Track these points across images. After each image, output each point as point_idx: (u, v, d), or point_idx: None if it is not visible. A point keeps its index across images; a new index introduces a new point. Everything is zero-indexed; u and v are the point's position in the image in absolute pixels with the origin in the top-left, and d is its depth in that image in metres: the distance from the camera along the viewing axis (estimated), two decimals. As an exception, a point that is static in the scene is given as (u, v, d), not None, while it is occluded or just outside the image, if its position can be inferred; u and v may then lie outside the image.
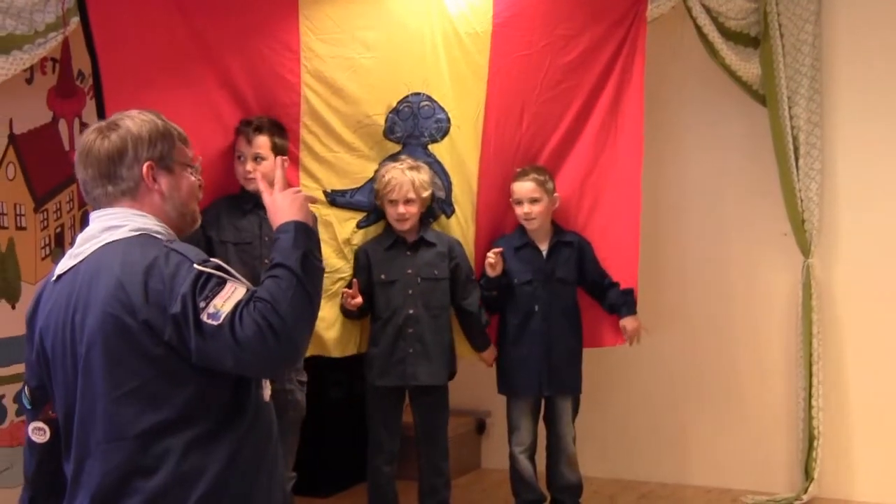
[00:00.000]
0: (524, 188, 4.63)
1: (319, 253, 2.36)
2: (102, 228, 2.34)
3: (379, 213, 4.55)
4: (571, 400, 4.79)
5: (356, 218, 4.57)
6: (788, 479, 5.30)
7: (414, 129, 4.57)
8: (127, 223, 2.33)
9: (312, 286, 2.26)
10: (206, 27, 4.16)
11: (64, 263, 2.37)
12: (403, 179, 4.40)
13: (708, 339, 5.53)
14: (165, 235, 2.36)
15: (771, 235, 5.35)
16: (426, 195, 4.47)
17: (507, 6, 4.63)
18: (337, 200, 4.51)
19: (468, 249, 4.66)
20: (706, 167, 5.55)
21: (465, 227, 4.68)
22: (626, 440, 5.71)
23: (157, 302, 2.18)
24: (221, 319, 2.15)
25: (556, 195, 4.69)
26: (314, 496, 5.29)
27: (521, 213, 4.66)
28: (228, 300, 2.17)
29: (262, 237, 4.19)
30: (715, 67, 5.08)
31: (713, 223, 5.54)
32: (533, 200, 4.62)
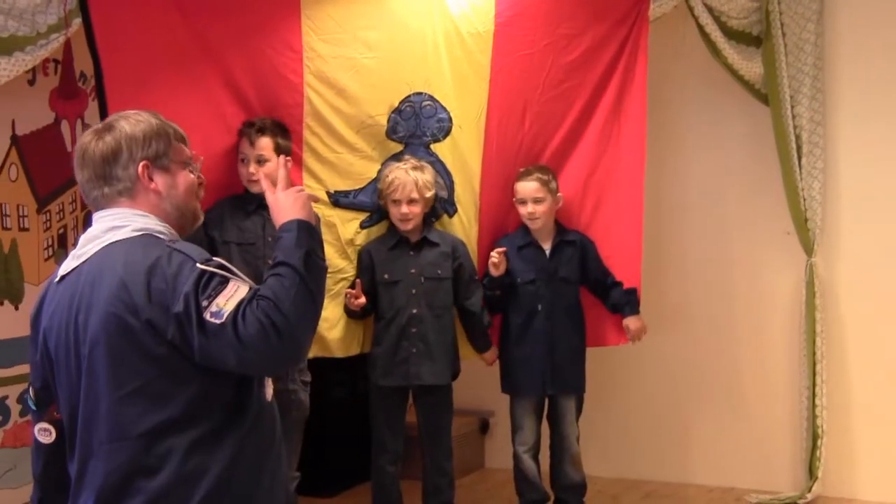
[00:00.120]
0: (528, 188, 4.63)
1: (322, 251, 2.36)
2: (105, 229, 2.34)
3: (382, 213, 4.55)
4: (575, 399, 4.79)
5: (359, 218, 4.57)
6: (792, 477, 5.29)
7: (416, 128, 4.57)
8: (129, 223, 2.34)
9: (315, 284, 2.27)
10: (208, 28, 4.16)
11: (67, 264, 2.37)
12: (407, 179, 4.40)
13: (711, 338, 5.52)
14: (168, 235, 2.36)
15: (774, 234, 5.34)
16: (429, 195, 4.47)
17: (509, 5, 4.63)
18: (340, 201, 4.51)
19: (471, 249, 4.66)
20: (708, 166, 5.55)
21: (467, 226, 4.68)
22: (629, 439, 5.70)
23: (159, 301, 2.18)
24: (224, 318, 2.15)
25: (559, 195, 4.69)
26: (318, 496, 5.28)
27: (524, 212, 4.66)
28: (231, 299, 2.17)
29: (265, 237, 4.19)
30: (717, 67, 5.07)
31: (716, 222, 5.54)
32: (536, 200, 4.62)
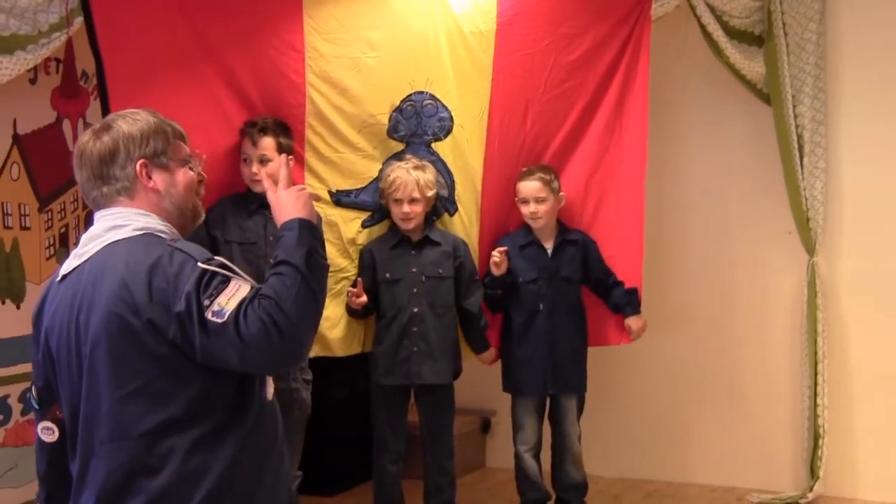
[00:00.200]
0: (530, 187, 4.63)
1: (323, 250, 2.36)
2: (106, 228, 2.34)
3: (384, 212, 4.55)
4: (576, 399, 4.79)
5: (361, 217, 4.57)
6: (793, 477, 5.29)
7: (417, 127, 4.57)
8: (130, 223, 2.34)
9: (317, 283, 2.27)
10: (210, 27, 4.17)
11: (68, 263, 2.37)
12: (408, 179, 4.40)
13: (712, 337, 5.52)
14: (169, 234, 2.36)
15: (775, 234, 5.34)
16: (431, 194, 4.47)
17: (511, 5, 4.63)
18: (342, 200, 4.51)
19: (472, 248, 4.65)
20: (710, 166, 5.54)
21: (468, 225, 4.68)
22: (630, 439, 5.70)
23: (161, 301, 2.18)
24: (226, 317, 2.14)
25: (561, 194, 4.69)
26: (319, 495, 5.29)
27: (526, 212, 4.66)
28: (233, 298, 2.17)
29: (266, 237, 4.20)
30: (719, 66, 5.07)
31: (717, 221, 5.53)
32: (539, 200, 4.62)
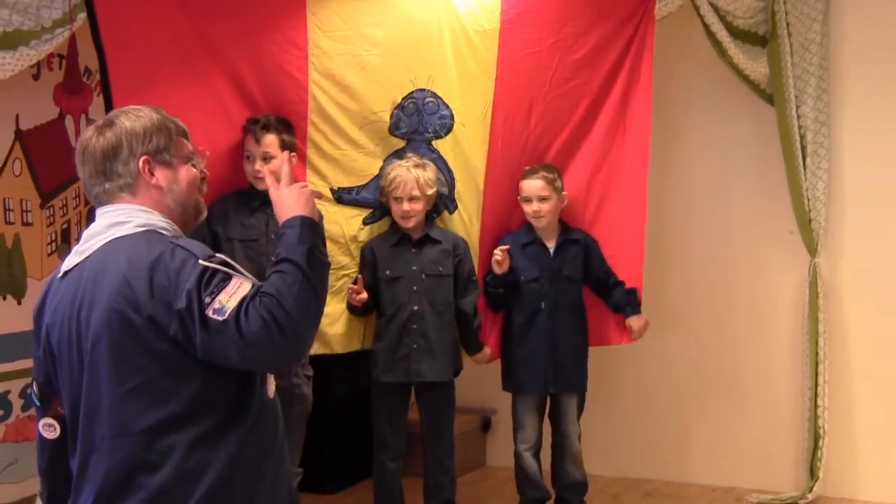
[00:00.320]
0: (533, 186, 4.63)
1: (325, 248, 2.36)
2: (108, 225, 2.34)
3: (384, 209, 4.55)
4: (577, 398, 4.80)
5: (362, 215, 4.57)
6: (793, 478, 5.29)
7: (418, 124, 4.57)
8: (132, 219, 2.34)
9: (318, 281, 2.27)
10: (212, 25, 4.16)
11: (70, 260, 2.37)
12: (408, 177, 4.40)
13: (713, 337, 5.52)
14: (171, 231, 2.36)
15: (777, 234, 5.33)
16: (431, 193, 4.47)
17: (515, 3, 4.62)
18: (343, 197, 4.51)
19: (472, 246, 4.65)
20: (713, 166, 5.54)
21: (468, 224, 4.67)
22: (631, 438, 5.70)
23: (162, 297, 2.18)
24: (227, 315, 2.14)
25: (564, 193, 4.69)
26: (320, 492, 5.29)
27: (529, 210, 4.66)
28: (234, 295, 2.17)
29: (268, 234, 4.19)
30: (723, 66, 5.07)
31: (719, 221, 5.53)
32: (542, 198, 4.62)
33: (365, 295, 4.40)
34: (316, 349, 4.31)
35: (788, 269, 5.32)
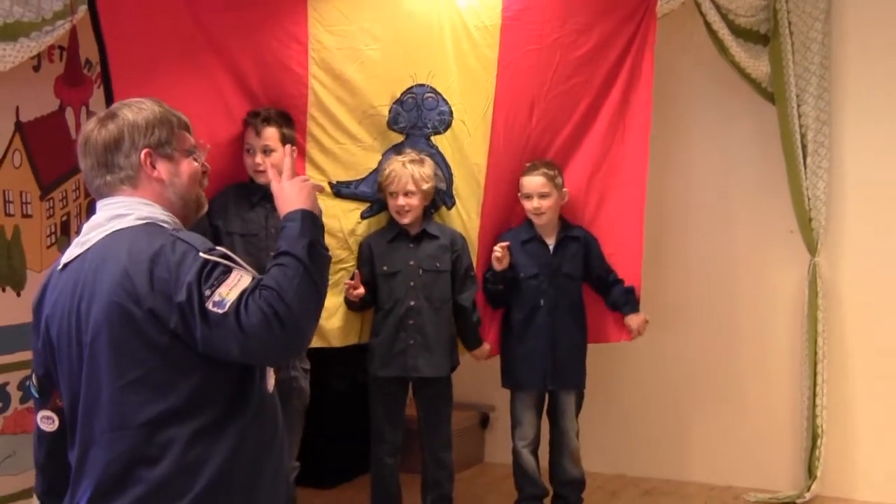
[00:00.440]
0: (534, 182, 4.63)
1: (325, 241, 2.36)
2: (109, 217, 2.34)
3: (382, 203, 4.55)
4: (575, 395, 4.79)
5: (360, 208, 4.57)
6: (791, 477, 5.29)
7: (417, 119, 4.57)
8: (133, 212, 2.33)
9: (318, 274, 2.27)
10: (213, 19, 4.17)
11: (70, 252, 2.36)
12: (403, 172, 4.41)
13: (712, 336, 5.52)
14: (171, 224, 2.36)
15: (777, 233, 5.33)
16: (426, 187, 4.47)
17: (516, 0, 4.62)
18: (342, 191, 4.52)
19: (470, 243, 4.65)
20: (713, 164, 5.54)
21: (466, 220, 4.66)
22: (629, 436, 5.70)
23: (162, 290, 2.17)
24: (227, 308, 2.14)
25: (565, 190, 4.69)
26: (319, 487, 5.30)
27: (530, 207, 4.65)
28: (234, 288, 2.17)
29: (268, 229, 4.20)
30: (724, 64, 5.06)
31: (720, 220, 5.53)
32: (542, 195, 4.62)
33: (362, 290, 4.40)
34: (313, 343, 4.29)
35: (788, 267, 5.32)
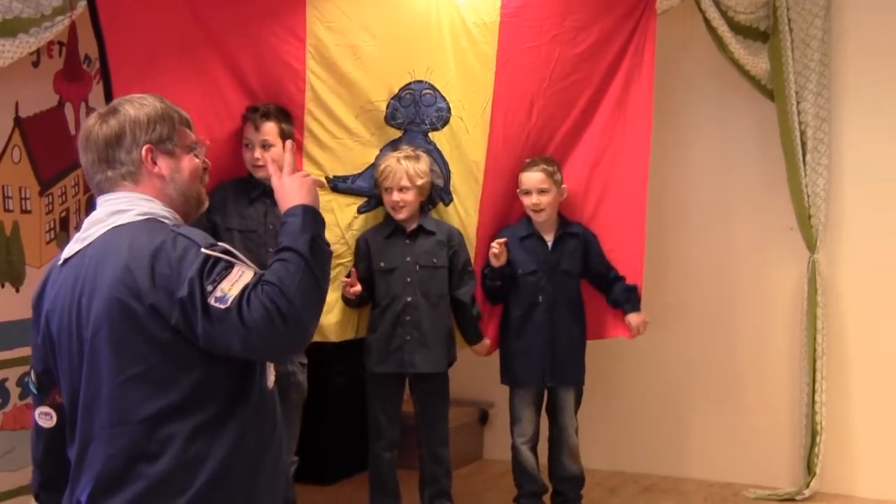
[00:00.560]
0: (533, 178, 4.62)
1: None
2: (109, 212, 2.34)
3: (379, 198, 4.55)
4: (574, 391, 4.79)
5: (357, 203, 4.57)
6: (790, 473, 5.30)
7: (415, 115, 4.57)
8: (134, 207, 2.33)
9: (320, 270, 2.26)
10: (212, 14, 4.17)
11: (71, 247, 2.36)
12: (398, 168, 4.41)
13: (712, 332, 5.52)
14: (172, 220, 2.36)
15: (777, 230, 5.33)
16: (421, 183, 4.46)
17: (515, -4, 4.62)
18: (339, 186, 4.52)
19: (468, 239, 4.65)
20: (713, 161, 5.54)
21: (464, 216, 4.66)
22: (628, 433, 5.70)
23: (163, 286, 2.17)
24: (229, 303, 2.14)
25: (564, 186, 4.68)
26: (317, 483, 5.30)
27: (529, 203, 4.65)
28: (236, 284, 2.17)
29: (266, 225, 4.21)
30: (724, 61, 5.07)
31: (719, 217, 5.53)
32: (541, 191, 4.61)
33: (359, 287, 4.40)
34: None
35: (787, 265, 5.32)
